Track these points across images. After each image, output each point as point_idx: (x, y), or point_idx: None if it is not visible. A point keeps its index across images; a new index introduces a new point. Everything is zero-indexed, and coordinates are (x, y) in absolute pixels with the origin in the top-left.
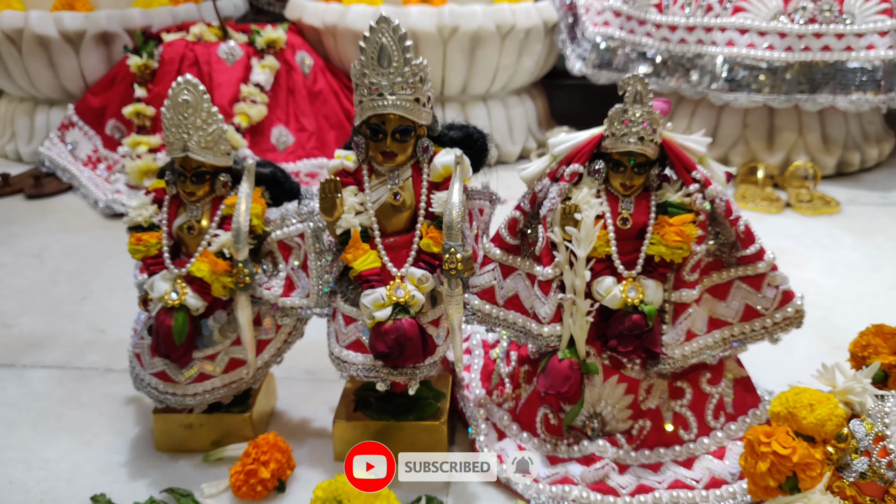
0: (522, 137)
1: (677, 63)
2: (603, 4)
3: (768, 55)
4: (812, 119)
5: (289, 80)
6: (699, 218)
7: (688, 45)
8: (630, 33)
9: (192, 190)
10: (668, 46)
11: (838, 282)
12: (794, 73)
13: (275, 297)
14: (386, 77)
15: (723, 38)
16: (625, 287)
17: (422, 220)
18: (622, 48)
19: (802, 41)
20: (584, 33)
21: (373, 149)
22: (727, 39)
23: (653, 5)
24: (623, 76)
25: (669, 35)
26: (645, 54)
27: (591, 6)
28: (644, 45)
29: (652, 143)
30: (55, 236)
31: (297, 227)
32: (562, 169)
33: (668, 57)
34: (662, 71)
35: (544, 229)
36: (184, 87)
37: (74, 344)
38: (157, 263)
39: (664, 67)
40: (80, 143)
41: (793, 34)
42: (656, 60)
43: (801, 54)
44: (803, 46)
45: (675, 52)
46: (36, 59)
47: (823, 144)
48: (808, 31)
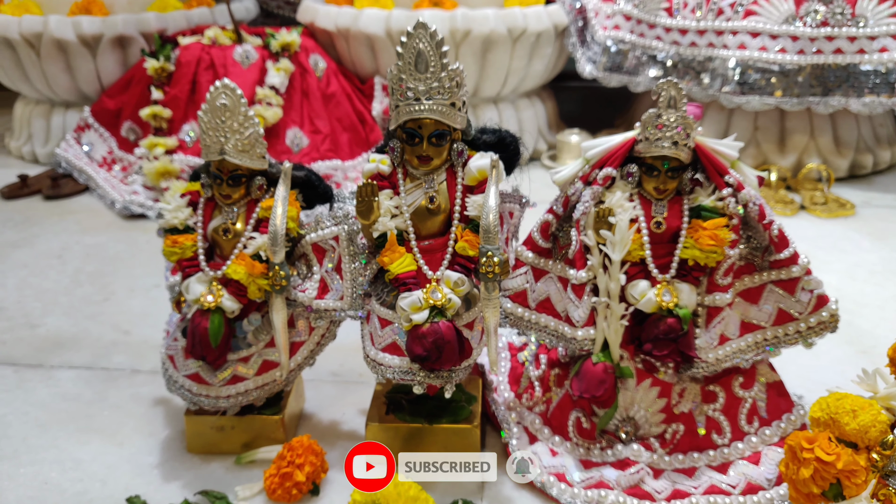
0: (533, 140)
1: (688, 66)
2: (613, 8)
3: (780, 58)
4: (824, 122)
5: (303, 83)
6: (732, 222)
7: (698, 48)
8: (640, 37)
9: (227, 193)
10: (679, 50)
11: (860, 285)
12: (806, 75)
13: (309, 299)
14: (423, 82)
15: (734, 41)
16: (659, 291)
17: (456, 224)
18: (632, 51)
19: (814, 44)
20: (593, 37)
21: (408, 153)
22: (739, 42)
23: (662, 9)
24: (633, 79)
25: (680, 38)
26: (655, 57)
27: (600, 10)
28: (654, 49)
29: (685, 147)
30: (75, 237)
31: (332, 230)
32: (595, 172)
33: (678, 60)
34: (673, 74)
35: (577, 233)
36: (221, 92)
37: (100, 345)
38: (192, 266)
39: (674, 71)
40: (96, 145)
41: (805, 37)
42: (667, 64)
43: (813, 57)
44: (815, 49)
45: (686, 55)
46: (54, 62)
47: (835, 147)
48: (821, 34)
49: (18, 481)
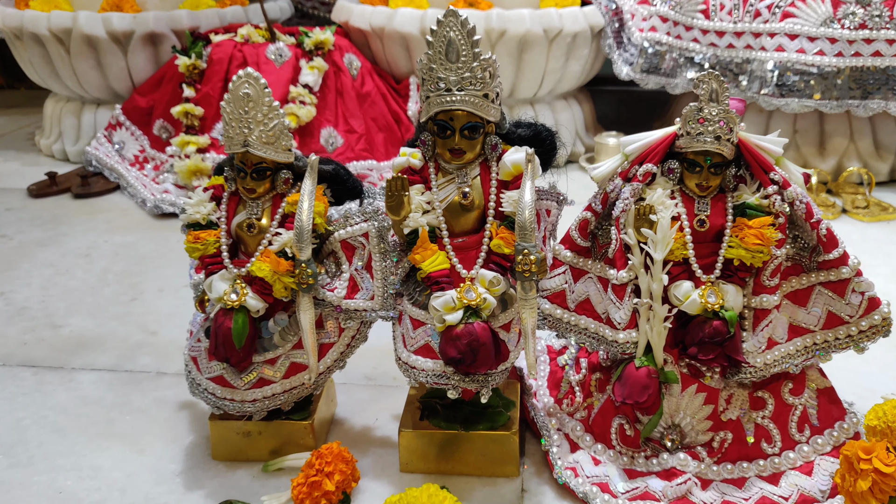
0: (570, 142)
1: (725, 68)
2: (649, 10)
3: (818, 60)
4: (863, 125)
5: (337, 82)
6: (779, 220)
7: (736, 50)
8: (677, 38)
9: (252, 187)
10: (716, 52)
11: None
12: (844, 78)
13: (338, 299)
14: (454, 72)
15: (772, 43)
16: (704, 292)
17: (491, 220)
18: (669, 53)
19: (853, 46)
20: (630, 38)
21: (440, 146)
22: (776, 45)
23: (699, 11)
24: (671, 81)
25: (717, 40)
26: (693, 59)
27: (636, 12)
28: (691, 51)
29: (728, 142)
30: (103, 236)
31: (361, 227)
32: (634, 169)
33: (715, 62)
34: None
35: (617, 231)
36: (245, 81)
37: (125, 346)
38: (215, 262)
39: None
40: (127, 143)
41: (843, 39)
42: (704, 66)
43: (851, 59)
44: (854, 52)
45: (723, 57)
46: (84, 59)
47: (875, 150)
48: (859, 36)
49: (32, 490)
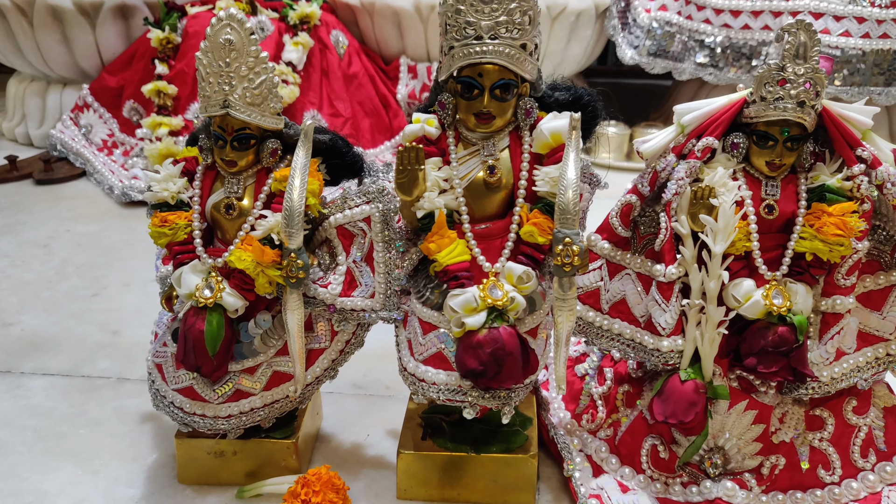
0: None
1: (738, 52)
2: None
3: (843, 42)
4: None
5: (323, 61)
6: (864, 207)
7: (752, 31)
8: (688, 19)
9: (232, 158)
10: (730, 33)
11: None
12: (868, 63)
13: (332, 296)
14: (487, 15)
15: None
16: (768, 292)
17: (521, 203)
18: (679, 34)
19: (882, 27)
20: (636, 20)
21: (463, 109)
22: None
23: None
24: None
25: (731, 21)
26: (703, 42)
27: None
28: (703, 33)
29: (812, 110)
30: (65, 225)
31: (363, 210)
32: (691, 143)
33: (728, 45)
34: (721, 61)
35: (668, 218)
36: (226, 24)
37: (83, 347)
38: (185, 251)
39: (723, 56)
40: (95, 127)
41: (872, 19)
42: (716, 49)
43: (878, 42)
44: (882, 33)
45: (737, 39)
46: (48, 32)
47: (892, 141)
48: (889, 15)
49: None
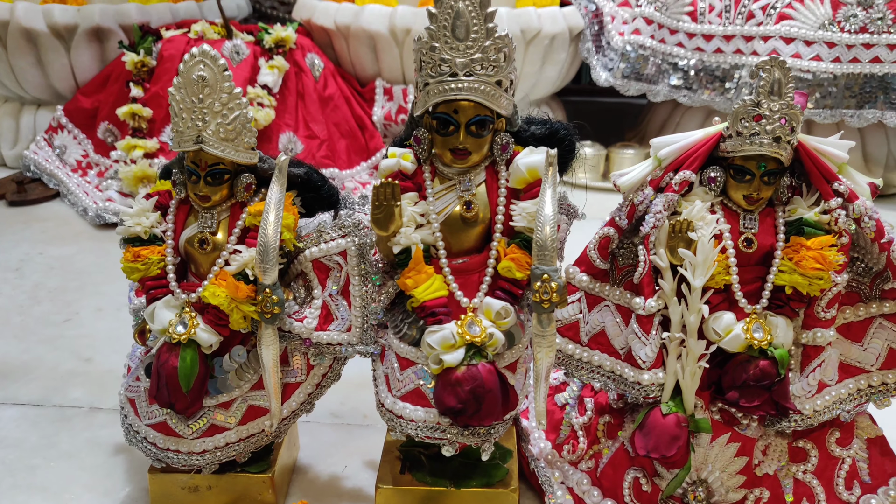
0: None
1: (711, 74)
2: (632, 12)
3: (815, 66)
4: (852, 136)
5: (298, 84)
6: (842, 240)
7: (724, 55)
8: (661, 42)
9: (206, 193)
10: (702, 57)
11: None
12: (840, 86)
13: (308, 330)
14: (462, 52)
15: (765, 47)
16: (748, 325)
17: (498, 237)
18: (653, 58)
19: (851, 52)
20: (609, 42)
21: (439, 145)
22: (770, 49)
23: (686, 13)
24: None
25: (704, 45)
26: (676, 65)
27: (617, 14)
28: (676, 56)
29: (788, 145)
30: (38, 248)
31: (338, 244)
32: (668, 176)
33: (701, 67)
34: (694, 83)
35: (646, 251)
36: (199, 61)
37: (54, 375)
38: (158, 286)
39: (696, 79)
40: (70, 147)
41: (842, 44)
42: (689, 72)
43: (849, 66)
44: (852, 57)
45: (710, 62)
46: (22, 55)
47: (865, 163)
48: (859, 40)
49: None
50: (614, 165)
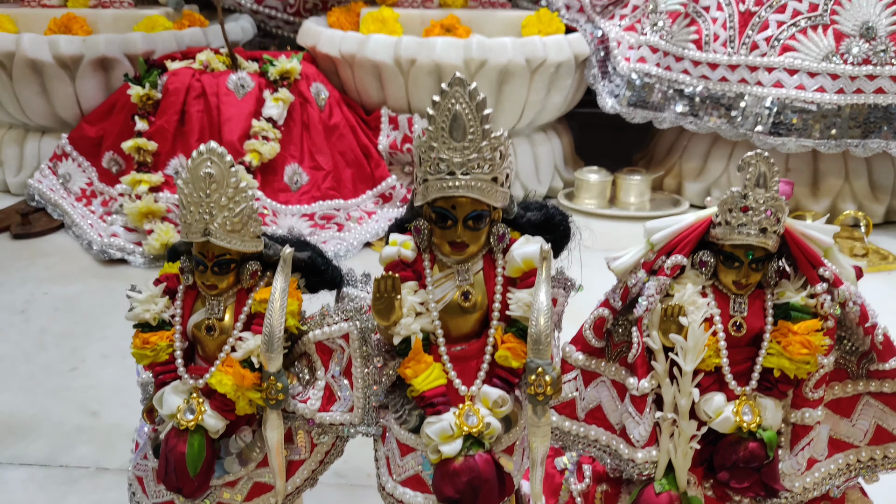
0: (549, 176)
1: (717, 102)
2: (638, 39)
3: (819, 97)
4: (859, 164)
5: (303, 114)
6: (827, 324)
7: (729, 83)
8: (666, 70)
9: (213, 282)
10: (708, 85)
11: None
12: (844, 117)
13: (312, 411)
14: (459, 152)
15: (769, 78)
16: (738, 407)
17: (495, 325)
18: (658, 85)
19: (855, 83)
20: (616, 68)
21: (438, 236)
22: (774, 80)
23: (691, 41)
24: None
25: (709, 73)
26: (682, 92)
27: (623, 39)
28: (681, 83)
29: (774, 234)
30: (43, 286)
31: (341, 327)
32: (661, 260)
33: (706, 95)
34: (700, 110)
35: (639, 333)
36: (207, 158)
37: (60, 432)
38: (167, 371)
39: (702, 106)
40: (74, 176)
41: (845, 76)
42: (695, 99)
43: (852, 97)
44: (855, 88)
45: (715, 91)
46: (28, 84)
47: (871, 191)
48: (862, 72)
49: None
50: (621, 191)
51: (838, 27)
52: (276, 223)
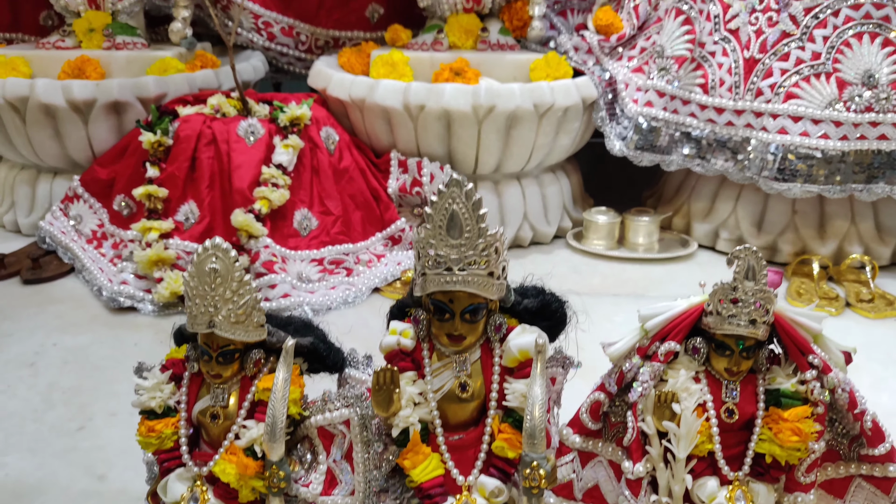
0: (557, 217)
1: (724, 145)
2: (645, 82)
3: (823, 144)
4: (865, 207)
5: (313, 159)
6: (818, 410)
7: (735, 128)
8: (674, 113)
9: (217, 372)
10: (714, 128)
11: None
12: (849, 162)
13: (313, 495)
14: (456, 249)
15: (774, 124)
16: (731, 494)
17: (493, 415)
18: (665, 129)
19: (858, 129)
20: (623, 110)
21: (436, 327)
22: (779, 126)
23: (698, 85)
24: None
25: (716, 117)
26: (689, 134)
27: (630, 81)
28: (688, 125)
29: (764, 324)
30: (53, 336)
31: (342, 413)
32: (655, 346)
33: (713, 138)
34: (708, 152)
35: (634, 418)
36: (212, 254)
37: (67, 497)
38: (172, 458)
39: (709, 149)
40: (85, 217)
41: (848, 122)
42: (701, 141)
43: (856, 143)
44: (859, 135)
45: (722, 134)
46: (41, 128)
47: (878, 234)
48: (864, 119)
49: None
50: (629, 231)
51: (841, 75)
52: (286, 270)
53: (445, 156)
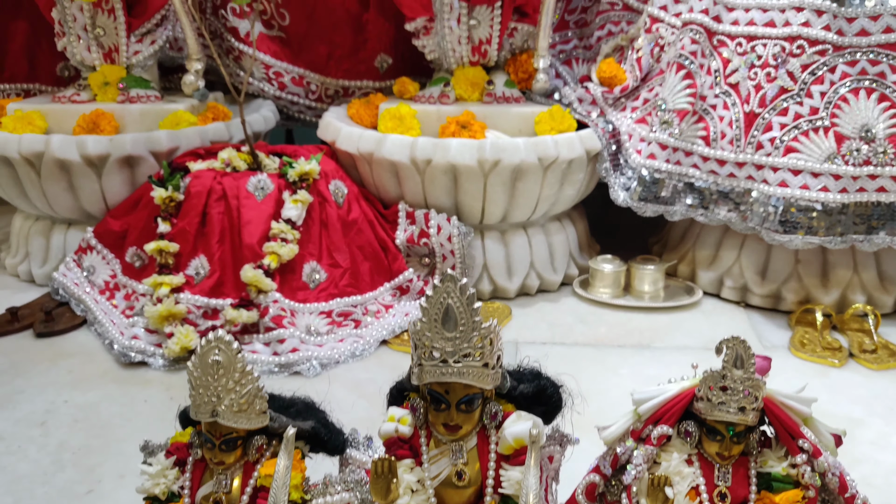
0: (564, 264)
1: (726, 196)
2: (648, 134)
3: (822, 196)
4: (867, 256)
5: (322, 213)
6: (808, 493)
7: (737, 179)
8: (677, 164)
9: (221, 459)
10: (717, 179)
11: None
12: (849, 214)
13: None
14: (451, 342)
15: (775, 177)
16: None
17: (489, 501)
18: (669, 180)
19: (857, 182)
20: (627, 160)
21: (433, 416)
22: (780, 179)
23: (699, 137)
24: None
25: (718, 168)
26: (693, 185)
27: (634, 132)
28: (691, 176)
29: (753, 411)
30: (64, 393)
31: (343, 497)
32: (648, 429)
33: (716, 189)
34: (710, 203)
35: (629, 500)
36: (215, 347)
37: None
38: None
39: (712, 199)
40: (98, 268)
41: (847, 176)
42: (704, 191)
43: (856, 195)
44: (858, 188)
45: (724, 185)
46: (55, 182)
47: (881, 282)
48: (863, 172)
49: None
50: (635, 279)
51: (839, 129)
52: (294, 323)
53: (452, 207)
